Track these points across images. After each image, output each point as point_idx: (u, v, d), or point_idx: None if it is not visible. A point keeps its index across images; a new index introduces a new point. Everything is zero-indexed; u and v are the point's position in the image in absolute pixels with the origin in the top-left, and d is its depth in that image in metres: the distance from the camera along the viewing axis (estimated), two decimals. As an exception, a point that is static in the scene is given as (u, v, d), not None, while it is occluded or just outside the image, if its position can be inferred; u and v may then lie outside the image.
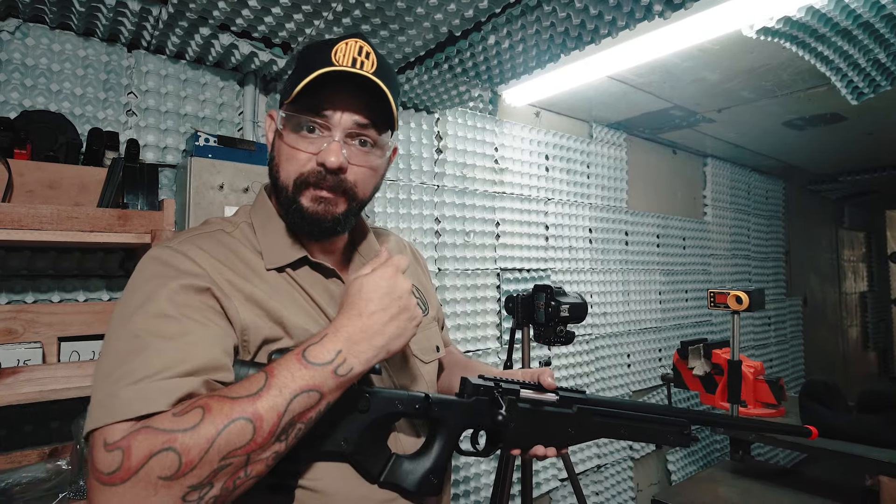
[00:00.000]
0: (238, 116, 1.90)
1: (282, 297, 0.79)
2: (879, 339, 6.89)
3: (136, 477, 0.55)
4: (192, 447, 0.56)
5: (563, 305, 1.70)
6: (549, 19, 1.52)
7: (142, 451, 0.55)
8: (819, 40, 1.84)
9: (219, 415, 0.58)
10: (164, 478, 0.55)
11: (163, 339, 0.65)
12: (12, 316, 1.47)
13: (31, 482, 1.36)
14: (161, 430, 0.57)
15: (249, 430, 0.58)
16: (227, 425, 0.58)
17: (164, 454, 0.55)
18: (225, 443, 0.57)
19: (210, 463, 0.57)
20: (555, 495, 2.76)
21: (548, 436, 0.89)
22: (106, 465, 0.56)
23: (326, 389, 0.64)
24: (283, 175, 0.82)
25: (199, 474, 0.56)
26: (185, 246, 0.76)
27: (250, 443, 0.59)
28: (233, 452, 0.58)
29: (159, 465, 0.55)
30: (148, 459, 0.55)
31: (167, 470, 0.55)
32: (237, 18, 1.50)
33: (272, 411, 0.60)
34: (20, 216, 1.24)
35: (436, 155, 2.44)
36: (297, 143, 0.80)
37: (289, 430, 0.62)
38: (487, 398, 0.83)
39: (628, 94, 2.67)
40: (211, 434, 0.57)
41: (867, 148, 3.88)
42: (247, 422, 0.58)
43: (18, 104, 1.52)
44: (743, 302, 2.03)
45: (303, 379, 0.63)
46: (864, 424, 1.89)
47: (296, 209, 0.81)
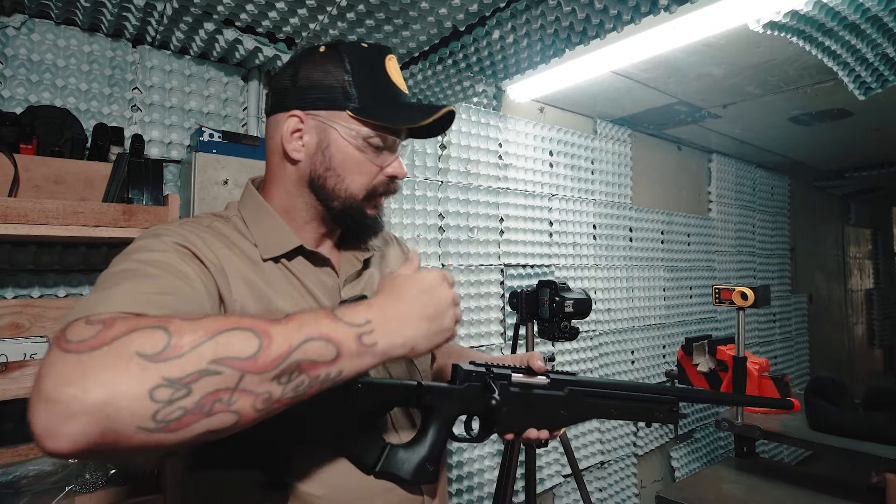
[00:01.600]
0: (242, 112, 1.90)
1: (277, 286, 0.80)
2: (885, 337, 6.85)
3: (109, 346, 0.46)
4: (186, 332, 0.49)
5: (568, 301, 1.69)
6: (554, 14, 1.51)
7: (126, 325, 0.48)
8: (826, 35, 1.82)
9: (225, 318, 0.53)
10: (141, 354, 0.46)
11: (173, 275, 0.65)
12: (19, 310, 1.48)
13: (37, 475, 1.37)
14: (155, 316, 0.51)
15: (255, 344, 0.52)
16: (233, 329, 0.51)
17: (153, 331, 0.48)
18: (225, 344, 0.50)
19: (199, 357, 0.48)
20: (558, 491, 2.76)
21: (540, 418, 0.89)
22: (76, 333, 0.48)
23: (345, 351, 0.59)
24: (353, 187, 0.85)
25: (181, 366, 0.47)
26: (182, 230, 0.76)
27: (250, 359, 0.51)
28: (229, 359, 0.50)
29: (142, 340, 0.47)
30: (130, 332, 0.47)
31: (149, 347, 0.47)
32: (241, 13, 1.50)
33: (284, 339, 0.54)
34: (26, 211, 1.25)
35: (439, 151, 2.43)
36: (372, 157, 0.85)
37: (291, 375, 0.54)
38: (479, 384, 0.83)
39: (633, 89, 2.66)
40: (212, 328, 0.50)
41: (874, 144, 3.85)
42: (254, 335, 0.52)
43: (24, 99, 1.52)
44: (748, 298, 2.02)
45: (327, 327, 0.58)
46: (870, 421, 1.88)
47: (361, 216, 0.87)
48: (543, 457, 2.66)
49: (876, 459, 1.77)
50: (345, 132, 0.82)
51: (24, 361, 1.37)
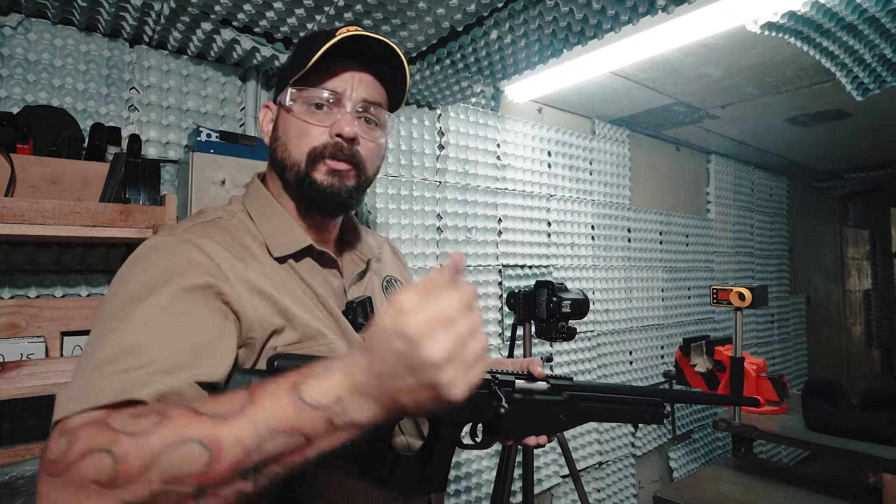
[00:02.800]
0: (240, 112, 1.90)
1: (285, 288, 0.79)
2: (883, 338, 6.86)
3: (70, 473, 0.49)
4: (130, 456, 0.49)
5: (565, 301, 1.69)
6: (552, 14, 1.51)
7: (82, 444, 0.50)
8: (824, 35, 1.82)
9: (173, 429, 0.50)
10: (97, 482, 0.48)
11: (151, 333, 0.61)
12: (15, 310, 1.47)
13: (34, 475, 1.36)
14: (111, 427, 0.51)
15: (204, 458, 0.49)
16: (178, 445, 0.49)
17: (100, 455, 0.49)
18: (170, 464, 0.49)
19: (149, 482, 0.48)
20: (556, 492, 2.76)
21: (541, 423, 0.91)
22: (51, 451, 0.51)
23: (315, 435, 0.52)
24: (295, 152, 0.82)
25: (135, 492, 0.48)
26: (192, 234, 0.74)
27: (203, 474, 0.49)
28: (179, 478, 0.49)
29: (94, 467, 0.48)
30: (84, 456, 0.49)
31: (101, 474, 0.48)
32: (239, 13, 1.50)
33: (237, 445, 0.50)
34: (23, 211, 1.24)
35: (438, 151, 2.43)
36: (308, 117, 0.82)
37: (260, 471, 0.51)
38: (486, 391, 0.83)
39: (631, 90, 2.66)
40: (155, 448, 0.49)
41: (872, 145, 3.86)
42: (202, 448, 0.49)
43: (21, 99, 1.52)
44: (746, 299, 2.02)
45: (286, 418, 0.51)
46: (867, 422, 1.88)
47: (310, 184, 0.82)
48: (541, 457, 2.66)
49: (873, 460, 1.77)
50: (285, 102, 0.83)
51: (21, 362, 1.36)
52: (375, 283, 0.97)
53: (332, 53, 0.79)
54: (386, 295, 0.97)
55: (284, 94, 0.84)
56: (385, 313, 0.53)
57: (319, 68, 0.80)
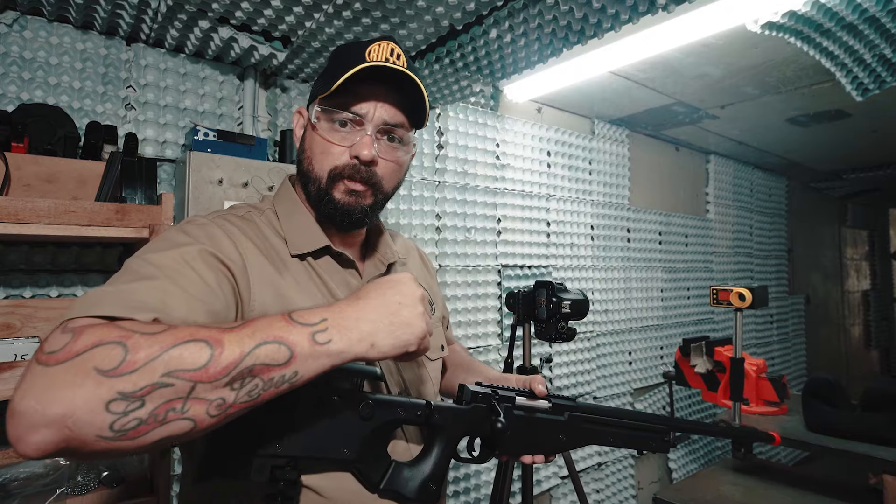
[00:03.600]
0: (238, 111, 1.89)
1: (301, 287, 0.82)
2: (882, 338, 6.87)
3: (71, 361, 0.50)
4: (142, 347, 0.51)
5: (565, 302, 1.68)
6: (551, 13, 1.50)
7: (92, 338, 0.52)
8: (824, 35, 1.82)
9: (183, 332, 0.54)
10: (99, 370, 0.50)
11: (173, 283, 0.65)
12: (10, 311, 1.46)
13: (28, 477, 1.35)
14: (122, 328, 0.54)
15: (207, 354, 0.53)
16: (187, 343, 0.53)
17: (112, 347, 0.51)
18: (177, 357, 0.52)
19: (152, 372, 0.51)
20: (555, 493, 2.75)
21: (540, 442, 0.90)
22: (51, 343, 0.52)
23: (299, 352, 0.58)
24: (318, 167, 0.86)
25: (134, 381, 0.50)
26: (220, 220, 0.80)
27: (202, 369, 0.53)
28: (180, 371, 0.52)
29: (101, 356, 0.50)
30: (93, 347, 0.51)
31: (107, 363, 0.50)
32: (236, 11, 1.49)
33: (236, 346, 0.55)
34: (17, 210, 1.23)
35: (437, 151, 2.42)
36: (331, 136, 0.85)
37: (245, 380, 0.55)
38: (485, 405, 0.83)
39: (631, 89, 2.65)
40: (167, 342, 0.52)
41: (871, 145, 3.86)
42: (206, 345, 0.53)
43: (16, 97, 1.51)
44: (746, 299, 2.01)
45: (280, 329, 0.58)
46: (868, 422, 1.88)
47: (328, 201, 0.85)
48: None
49: (873, 461, 1.76)
50: (314, 116, 0.86)
51: (15, 362, 1.35)
52: None
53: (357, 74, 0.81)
54: None
55: (312, 109, 0.87)
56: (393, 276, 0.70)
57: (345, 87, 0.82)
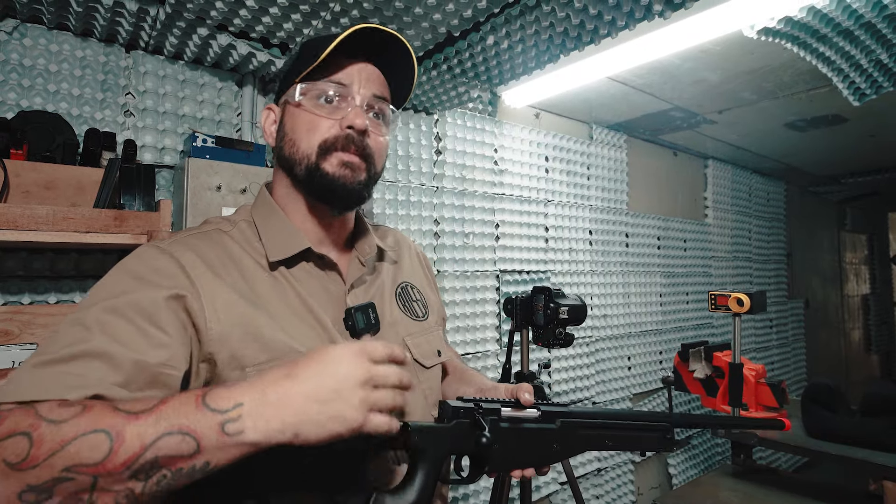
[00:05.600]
0: (236, 117, 1.89)
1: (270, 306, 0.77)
2: (882, 342, 6.86)
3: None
4: (46, 441, 0.52)
5: (562, 307, 1.68)
6: (548, 19, 1.51)
7: (7, 427, 0.53)
8: (820, 41, 1.83)
9: (90, 419, 0.53)
10: (8, 464, 0.51)
11: (110, 340, 0.63)
12: (8, 317, 1.46)
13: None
14: (37, 414, 0.54)
15: (105, 448, 0.52)
16: (88, 434, 0.52)
17: (19, 438, 0.52)
18: (75, 451, 0.52)
19: (52, 467, 0.51)
20: (554, 499, 2.74)
21: (532, 454, 0.84)
22: None
23: (206, 443, 0.54)
24: (304, 145, 0.82)
25: (38, 475, 0.51)
26: (175, 246, 0.75)
27: (100, 464, 0.52)
28: (79, 467, 0.52)
29: (11, 449, 0.51)
30: (5, 438, 0.52)
31: (13, 456, 0.51)
32: (235, 18, 1.50)
33: (137, 438, 0.53)
34: (16, 216, 1.23)
35: (435, 156, 2.43)
36: (318, 110, 0.82)
37: (150, 472, 0.53)
38: (468, 421, 0.78)
39: (628, 95, 2.66)
40: (69, 436, 0.52)
41: (869, 150, 3.87)
42: (107, 437, 0.52)
43: (16, 104, 1.51)
44: (744, 304, 2.02)
45: (185, 418, 0.54)
46: (868, 428, 1.87)
47: (320, 175, 0.81)
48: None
49: (873, 467, 1.76)
50: (292, 99, 0.84)
51: (13, 369, 1.35)
52: (386, 288, 0.94)
53: (339, 49, 0.79)
54: (398, 301, 0.94)
55: (292, 91, 0.84)
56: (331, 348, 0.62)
57: (327, 64, 0.80)
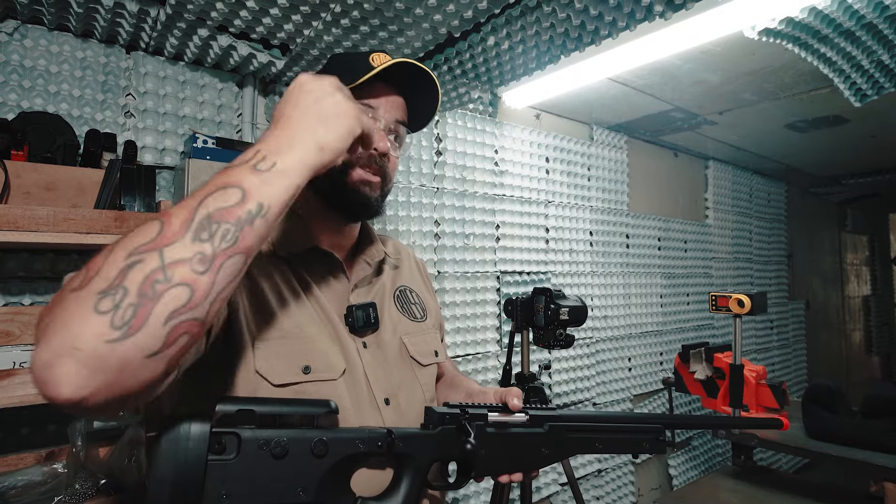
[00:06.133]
0: (237, 118, 1.89)
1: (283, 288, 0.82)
2: (883, 344, 6.85)
3: (54, 301, 0.52)
4: (100, 256, 0.53)
5: (563, 309, 1.68)
6: (549, 20, 1.51)
7: (68, 281, 0.53)
8: (821, 41, 1.83)
9: (145, 225, 0.55)
10: (72, 290, 0.51)
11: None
12: (9, 318, 1.46)
13: (27, 485, 1.34)
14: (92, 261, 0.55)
15: (157, 226, 0.54)
16: (136, 230, 0.54)
17: (78, 273, 0.52)
18: (130, 240, 0.53)
19: (114, 262, 0.51)
20: (555, 500, 2.73)
21: (520, 458, 0.84)
22: (73, 280, 0.54)
23: (248, 185, 0.59)
24: None
25: (104, 276, 0.50)
26: None
27: (158, 237, 0.53)
28: (139, 248, 0.52)
29: (70, 283, 0.51)
30: (67, 283, 0.52)
31: (75, 282, 0.51)
32: (235, 19, 1.50)
33: (182, 209, 0.55)
34: (16, 217, 1.23)
35: (435, 157, 2.43)
36: None
37: (210, 228, 0.55)
38: (454, 426, 0.78)
39: (629, 95, 2.66)
40: (119, 240, 0.54)
41: (870, 151, 3.86)
42: (156, 221, 0.54)
43: (16, 105, 1.51)
44: (745, 305, 2.01)
45: (218, 179, 0.59)
46: (868, 429, 1.87)
47: (341, 188, 0.86)
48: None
49: (874, 468, 1.75)
50: None
51: (14, 370, 1.35)
52: (387, 290, 0.99)
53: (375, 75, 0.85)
54: (397, 304, 0.99)
55: None
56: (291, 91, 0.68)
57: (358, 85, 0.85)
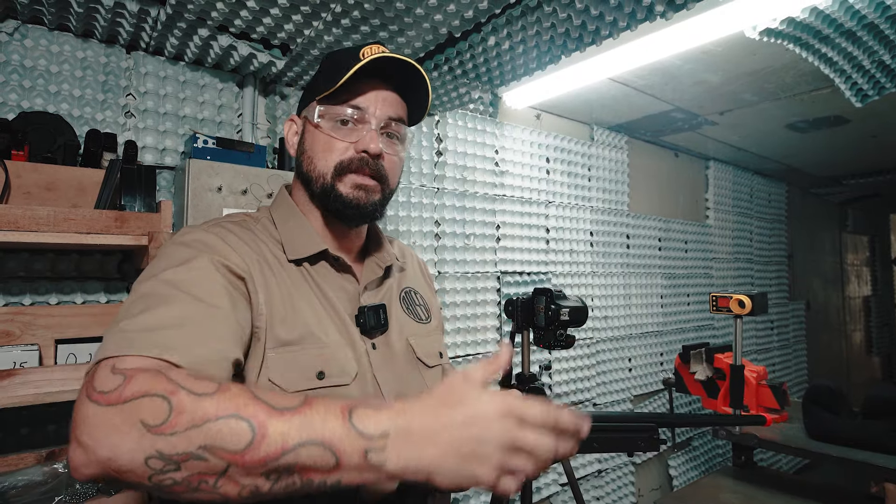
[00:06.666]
0: (237, 118, 1.89)
1: (297, 292, 0.83)
2: (883, 344, 6.85)
3: (121, 407, 0.52)
4: (186, 411, 0.51)
5: (563, 309, 1.68)
6: (550, 20, 1.51)
7: (141, 385, 0.53)
8: (823, 42, 1.82)
9: (230, 401, 0.53)
10: (144, 423, 0.51)
11: (194, 299, 0.66)
12: (9, 318, 1.46)
13: (27, 485, 1.34)
14: (170, 379, 0.54)
15: (247, 438, 0.51)
16: (230, 418, 0.51)
17: (158, 400, 0.52)
18: (216, 432, 0.51)
19: (190, 440, 0.50)
20: (555, 500, 2.73)
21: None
22: (103, 383, 0.54)
23: (346, 463, 0.53)
24: (321, 165, 0.86)
25: (173, 444, 0.50)
26: (217, 229, 0.80)
27: (239, 454, 0.51)
28: (217, 449, 0.51)
29: (148, 409, 0.51)
30: (141, 396, 0.52)
31: (151, 418, 0.51)
32: (235, 19, 1.50)
33: (280, 437, 0.51)
34: (17, 217, 1.23)
35: (436, 157, 2.43)
36: (335, 133, 0.86)
37: (282, 475, 0.52)
38: None
39: (630, 96, 2.66)
40: (210, 413, 0.51)
41: (871, 151, 3.86)
42: (249, 428, 0.51)
43: (17, 105, 1.51)
44: (745, 306, 2.01)
45: (332, 432, 0.53)
46: (869, 430, 1.87)
47: (335, 196, 0.86)
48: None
49: (875, 469, 1.75)
50: (312, 117, 0.88)
51: (14, 370, 1.35)
52: (394, 292, 0.99)
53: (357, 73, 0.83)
54: (402, 304, 0.99)
55: (311, 110, 0.88)
56: (484, 398, 0.57)
57: (345, 86, 0.84)
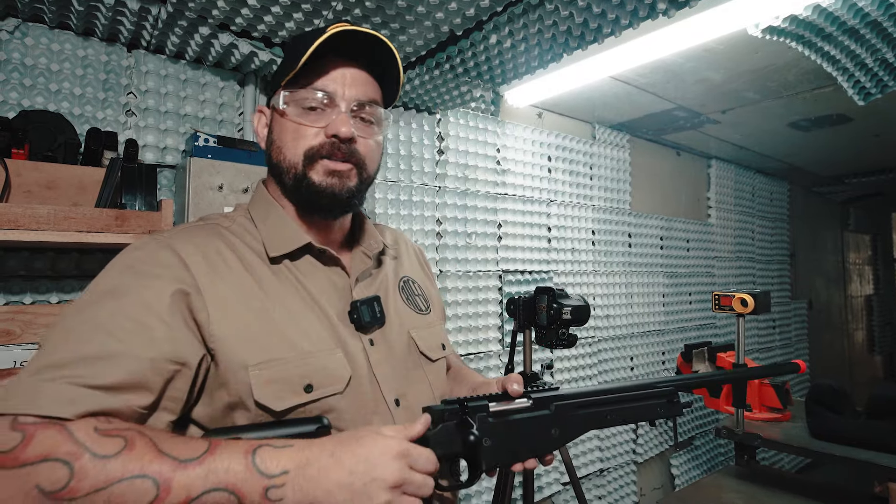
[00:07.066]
0: (238, 117, 1.89)
1: (274, 298, 0.76)
2: (885, 343, 6.83)
3: (18, 471, 0.49)
4: (89, 476, 0.50)
5: (565, 308, 1.67)
6: (552, 18, 1.50)
7: (41, 447, 0.51)
8: (825, 40, 1.81)
9: (134, 461, 0.52)
10: (41, 489, 0.49)
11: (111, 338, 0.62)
12: (10, 317, 1.46)
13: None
14: (74, 440, 0.52)
15: (151, 495, 0.51)
16: (135, 479, 0.51)
17: (58, 465, 0.50)
18: (119, 495, 0.51)
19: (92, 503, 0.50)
20: (556, 499, 2.73)
21: (530, 444, 0.80)
22: (2, 441, 0.51)
23: (248, 501, 0.55)
24: (290, 154, 0.81)
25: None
26: (175, 239, 0.75)
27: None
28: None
29: (46, 474, 0.49)
30: (41, 461, 0.50)
31: (49, 484, 0.49)
32: (237, 18, 1.49)
33: (183, 490, 0.53)
34: (17, 216, 1.23)
35: (437, 156, 2.42)
36: (303, 119, 0.81)
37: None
38: (455, 422, 0.75)
39: (631, 94, 2.65)
40: (114, 476, 0.51)
41: (873, 150, 3.85)
42: (153, 485, 0.52)
43: (17, 104, 1.51)
44: (748, 305, 2.00)
45: (235, 476, 0.55)
46: (873, 429, 1.86)
47: (307, 185, 0.80)
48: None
49: (878, 468, 1.75)
50: (278, 105, 0.83)
51: (14, 369, 1.35)
52: (390, 282, 0.94)
53: (322, 51, 0.78)
54: (401, 295, 0.94)
55: (277, 97, 0.83)
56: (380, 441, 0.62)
57: (310, 68, 0.79)
